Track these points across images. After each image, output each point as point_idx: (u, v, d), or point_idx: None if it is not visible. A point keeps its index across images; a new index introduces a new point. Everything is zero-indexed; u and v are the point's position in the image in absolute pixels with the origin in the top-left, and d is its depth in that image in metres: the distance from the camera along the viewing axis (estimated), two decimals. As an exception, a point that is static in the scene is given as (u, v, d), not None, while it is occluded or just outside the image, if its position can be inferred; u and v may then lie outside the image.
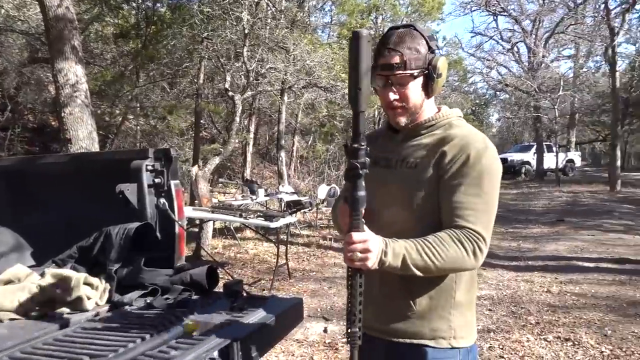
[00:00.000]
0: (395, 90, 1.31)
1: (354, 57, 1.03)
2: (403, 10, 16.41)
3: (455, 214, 1.23)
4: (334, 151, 16.37)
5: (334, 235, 8.29)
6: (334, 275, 5.77)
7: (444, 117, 1.38)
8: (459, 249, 1.20)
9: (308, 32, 9.60)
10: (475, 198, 1.24)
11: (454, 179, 1.25)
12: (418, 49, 1.30)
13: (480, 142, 1.29)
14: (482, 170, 1.25)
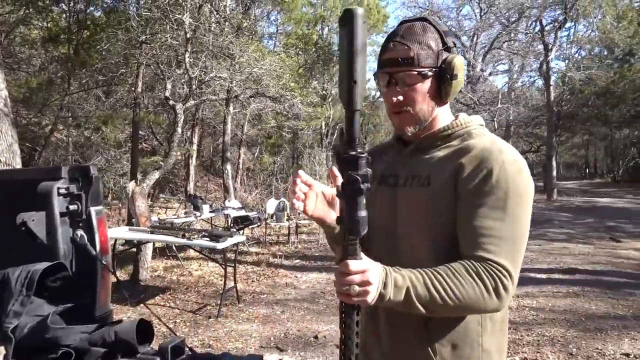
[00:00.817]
0: (399, 91, 1.08)
1: (348, 42, 0.78)
2: (349, 22, 16.41)
3: (474, 243, 1.00)
4: (281, 163, 16.00)
5: (284, 252, 7.90)
6: (286, 297, 5.39)
7: (462, 126, 1.13)
8: (477, 285, 0.95)
9: (255, 40, 9.23)
10: (499, 223, 1.00)
11: (474, 199, 1.02)
12: (430, 45, 1.07)
13: (506, 154, 1.04)
14: (507, 188, 1.01)
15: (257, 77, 7.88)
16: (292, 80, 7.92)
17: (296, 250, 8.21)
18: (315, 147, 13.38)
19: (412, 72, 1.07)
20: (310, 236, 9.39)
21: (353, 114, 0.80)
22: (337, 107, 15.69)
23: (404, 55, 1.06)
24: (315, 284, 5.97)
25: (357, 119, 0.81)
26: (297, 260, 7.38)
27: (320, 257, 7.57)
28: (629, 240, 8.69)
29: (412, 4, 26.74)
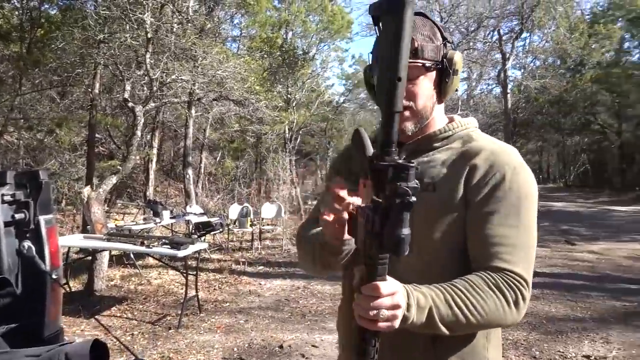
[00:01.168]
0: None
1: (395, 33, 0.67)
2: (313, 26, 16.42)
3: (490, 252, 0.95)
4: (243, 168, 15.78)
5: (247, 258, 7.75)
6: (250, 306, 5.26)
7: (460, 128, 1.08)
8: (498, 299, 0.90)
9: (218, 42, 9.06)
10: (513, 230, 0.96)
11: (486, 206, 0.97)
12: (432, 37, 1.01)
13: (515, 158, 1.01)
14: (520, 194, 0.98)
15: (221, 80, 7.72)
16: (257, 83, 7.78)
17: (260, 256, 8.07)
18: (280, 152, 13.27)
19: (417, 64, 1.00)
20: (274, 242, 9.27)
21: (394, 115, 0.71)
22: (301, 112, 15.65)
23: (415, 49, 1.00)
24: (280, 291, 5.87)
25: (397, 122, 0.72)
26: (261, 267, 7.26)
27: (284, 263, 7.47)
28: (583, 243, 9.03)
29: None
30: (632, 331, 4.22)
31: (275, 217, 9.19)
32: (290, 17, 15.52)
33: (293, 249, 8.62)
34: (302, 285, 6.07)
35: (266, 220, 9.47)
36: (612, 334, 4.18)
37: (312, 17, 17.00)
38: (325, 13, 16.42)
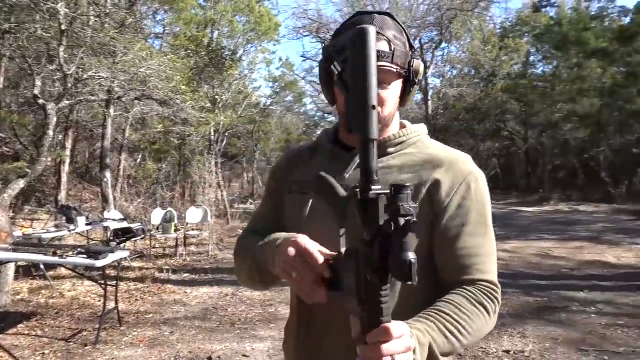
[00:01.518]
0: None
1: (362, 63, 0.70)
2: (240, 27, 16.16)
3: (464, 265, 0.95)
4: (166, 170, 15.15)
5: (171, 265, 7.41)
6: (175, 316, 5.01)
7: (413, 134, 1.05)
8: (482, 314, 0.90)
9: (140, 38, 8.58)
10: (482, 239, 0.97)
11: (457, 218, 0.96)
12: (403, 41, 0.97)
13: (473, 165, 1.03)
14: (484, 201, 0.99)
15: (144, 78, 7.31)
16: (182, 82, 7.46)
17: (185, 263, 7.75)
18: (205, 154, 12.87)
19: (391, 69, 0.96)
20: (199, 247, 8.95)
21: (371, 143, 0.70)
22: (228, 113, 15.31)
23: (384, 48, 0.95)
24: (207, 299, 5.66)
25: (375, 148, 0.71)
26: (186, 274, 6.97)
27: (211, 269, 7.23)
28: (497, 242, 9.57)
29: (301, 15, 27.35)
30: (545, 325, 4.54)
31: (201, 221, 8.88)
32: (216, 16, 15.15)
33: (220, 255, 8.39)
34: (231, 292, 5.90)
35: (191, 225, 9.13)
36: (528, 328, 4.47)
37: (239, 17, 16.73)
38: (252, 14, 16.22)
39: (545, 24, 23.40)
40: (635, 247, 8.89)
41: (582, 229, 11.80)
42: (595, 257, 7.93)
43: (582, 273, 6.82)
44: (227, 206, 12.28)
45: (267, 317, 4.96)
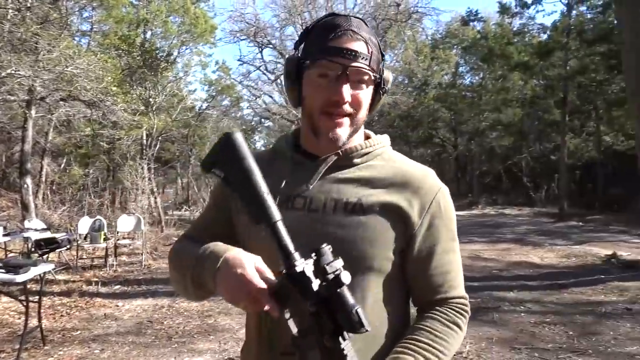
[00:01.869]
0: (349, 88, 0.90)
1: (242, 165, 0.78)
2: (175, 28, 15.67)
3: (435, 284, 0.95)
4: (95, 176, 14.34)
5: (100, 277, 6.97)
6: (106, 332, 4.70)
7: (378, 145, 1.01)
8: (457, 333, 0.92)
9: (67, 35, 8.03)
10: (452, 254, 0.98)
11: (429, 238, 0.95)
12: (378, 46, 0.94)
13: (438, 180, 1.00)
14: (452, 215, 0.99)
15: (70, 78, 6.82)
16: (114, 84, 7.03)
17: (116, 274, 7.32)
18: (137, 159, 12.29)
19: (368, 72, 0.92)
20: (132, 257, 8.51)
21: (277, 225, 0.75)
22: (162, 117, 14.77)
23: (363, 50, 0.91)
24: (141, 312, 5.36)
25: (284, 229, 0.75)
26: (118, 286, 6.57)
27: (145, 280, 6.88)
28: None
29: (238, 18, 27.03)
30: (480, 325, 4.71)
31: (134, 230, 8.44)
32: (150, 15, 14.59)
33: (154, 264, 8.02)
34: (167, 304, 5.63)
35: (122, 234, 8.66)
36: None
37: (174, 18, 16.24)
38: (188, 15, 15.81)
39: (472, 37, 24.72)
40: (556, 248, 9.55)
41: (508, 231, 12.51)
42: (521, 258, 8.40)
43: (511, 274, 7.19)
44: (162, 213, 11.78)
45: (206, 329, 4.77)
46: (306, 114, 0.97)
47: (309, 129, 0.97)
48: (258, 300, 0.77)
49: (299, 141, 1.04)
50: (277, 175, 0.96)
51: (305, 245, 0.89)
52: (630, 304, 5.43)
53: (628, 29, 7.70)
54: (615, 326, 4.69)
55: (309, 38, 0.96)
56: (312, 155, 0.99)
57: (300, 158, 1.00)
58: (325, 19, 0.95)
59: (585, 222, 14.44)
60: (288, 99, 1.01)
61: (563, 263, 8.11)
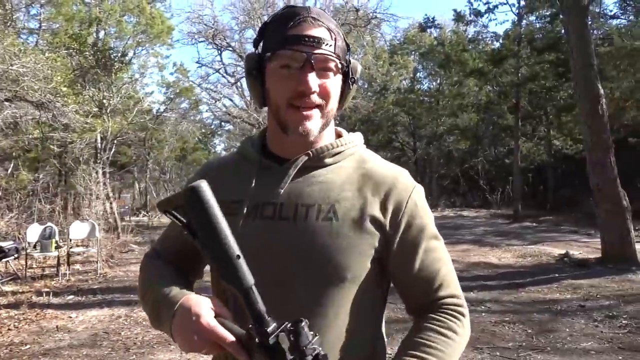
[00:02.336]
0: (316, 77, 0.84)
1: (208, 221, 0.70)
2: (130, 28, 15.21)
3: (426, 287, 0.90)
4: (45, 181, 13.67)
5: (52, 287, 6.62)
6: (59, 345, 4.45)
7: (350, 144, 0.95)
8: (454, 339, 0.86)
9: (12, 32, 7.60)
10: (436, 253, 0.92)
11: (409, 239, 0.89)
12: (341, 35, 0.88)
13: (411, 179, 0.95)
14: (429, 214, 0.94)
15: (16, 77, 6.45)
16: (64, 84, 6.68)
17: (68, 284, 6.97)
18: (91, 163, 11.80)
19: (333, 58, 0.86)
20: (86, 265, 8.15)
21: (250, 291, 0.69)
22: (117, 119, 14.28)
23: (326, 37, 0.85)
24: (96, 324, 5.11)
25: (257, 294, 0.70)
26: (71, 297, 6.26)
27: (100, 289, 6.58)
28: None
29: (196, 20, 26.59)
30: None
31: (88, 237, 8.08)
32: (103, 14, 14.09)
33: (111, 273, 7.70)
34: (124, 314, 5.40)
35: (76, 241, 8.27)
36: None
37: (128, 17, 15.76)
38: (144, 15, 15.39)
39: (429, 44, 25.32)
40: (512, 248, 9.85)
41: (467, 232, 12.82)
42: (480, 258, 8.62)
43: (471, 274, 7.35)
44: (118, 219, 11.36)
45: (167, 338, 4.58)
46: (272, 110, 0.91)
47: (277, 127, 0.91)
48: (221, 348, 0.73)
49: (265, 143, 0.98)
50: (243, 181, 0.91)
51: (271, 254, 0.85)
52: (584, 301, 5.65)
53: (575, 38, 8.07)
54: (570, 323, 4.87)
55: (267, 32, 0.90)
56: (280, 158, 0.93)
57: (267, 162, 0.93)
58: (282, 11, 0.90)
59: (538, 223, 15.01)
60: (252, 99, 0.96)
61: (519, 263, 8.37)
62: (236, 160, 0.99)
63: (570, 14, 8.20)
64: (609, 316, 5.02)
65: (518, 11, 18.59)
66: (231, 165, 0.99)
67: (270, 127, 0.96)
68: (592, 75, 7.92)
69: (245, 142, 1.00)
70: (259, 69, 0.90)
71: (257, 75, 0.90)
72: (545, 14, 18.81)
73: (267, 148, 0.96)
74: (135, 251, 9.79)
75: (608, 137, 7.85)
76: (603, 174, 7.73)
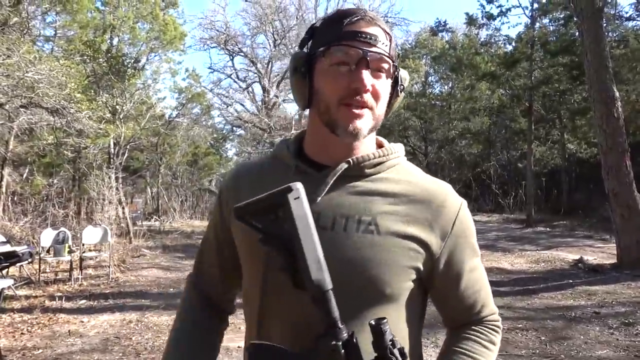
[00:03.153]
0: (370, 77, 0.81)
1: (306, 218, 0.72)
2: (143, 34, 15.38)
3: (468, 305, 0.92)
4: (59, 186, 13.85)
5: (64, 292, 6.69)
6: (70, 350, 4.48)
7: (393, 155, 0.92)
8: (493, 351, 0.91)
9: (28, 40, 7.73)
10: (478, 271, 0.93)
11: (455, 259, 0.89)
12: (393, 40, 0.86)
13: (456, 195, 0.92)
14: (473, 230, 0.93)
15: (32, 84, 6.55)
16: (78, 90, 6.77)
17: (81, 288, 7.03)
18: (104, 168, 11.93)
19: (388, 60, 0.84)
20: (98, 270, 8.21)
21: (329, 294, 0.70)
22: (130, 125, 14.43)
23: (382, 36, 0.83)
24: (108, 328, 5.15)
25: (333, 299, 0.71)
26: (83, 301, 6.31)
27: (112, 294, 6.63)
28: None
29: (208, 26, 26.82)
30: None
31: (100, 241, 8.16)
32: (117, 21, 14.28)
33: (122, 277, 7.75)
34: (135, 319, 5.43)
35: (88, 246, 8.36)
36: (440, 337, 4.59)
37: (142, 24, 15.94)
38: (157, 22, 15.55)
39: (441, 47, 25.20)
40: (525, 254, 9.73)
41: (479, 237, 12.49)
42: (492, 264, 8.51)
43: (483, 280, 7.26)
44: (130, 224, 11.45)
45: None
46: (320, 110, 0.87)
47: (322, 128, 0.88)
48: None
49: (302, 147, 0.95)
50: (277, 184, 0.84)
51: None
52: (598, 308, 5.55)
53: (589, 41, 7.97)
54: (585, 330, 4.78)
55: (319, 31, 0.88)
56: (318, 164, 0.90)
57: (305, 167, 0.89)
58: (336, 12, 0.88)
59: (552, 228, 14.81)
60: (295, 99, 0.91)
61: (532, 268, 8.27)
62: (271, 163, 0.97)
63: (584, 17, 8.12)
64: (625, 323, 4.92)
65: (531, 14, 18.43)
66: (265, 168, 0.97)
67: (312, 129, 0.93)
68: (607, 77, 7.82)
69: (281, 145, 0.97)
70: (308, 67, 0.87)
71: (304, 72, 0.87)
72: (558, 17, 18.61)
73: (303, 152, 0.94)
74: (146, 256, 9.86)
75: (624, 141, 7.73)
76: (618, 178, 7.61)
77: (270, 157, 0.99)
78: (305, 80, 0.87)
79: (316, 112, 0.88)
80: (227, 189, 1.00)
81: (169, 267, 8.75)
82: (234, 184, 0.99)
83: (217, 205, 1.02)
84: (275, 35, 26.85)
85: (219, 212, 1.00)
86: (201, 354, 0.99)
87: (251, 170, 0.99)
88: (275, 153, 0.97)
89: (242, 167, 1.03)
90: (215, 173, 29.01)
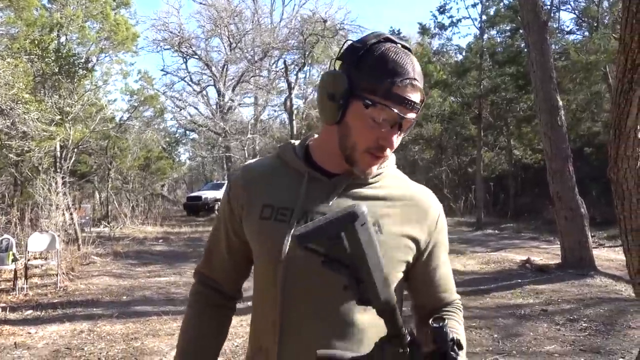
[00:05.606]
0: (399, 134, 0.95)
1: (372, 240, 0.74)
2: (93, 34, 14.84)
3: (442, 292, 1.07)
4: (0, 190, 13.09)
5: (9, 302, 6.33)
6: (17, 362, 4.25)
7: (390, 165, 1.07)
8: (463, 326, 1.06)
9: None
10: (448, 263, 1.10)
11: (434, 253, 1.04)
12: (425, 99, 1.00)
13: (435, 198, 1.09)
14: (446, 231, 1.10)
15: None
16: (26, 91, 6.41)
17: (27, 298, 6.67)
18: (50, 172, 11.38)
19: (414, 122, 0.95)
20: (45, 279, 7.82)
21: (395, 308, 0.76)
22: (78, 127, 13.86)
23: (418, 101, 0.92)
24: (57, 339, 4.92)
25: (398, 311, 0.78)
26: (29, 311, 5.99)
27: (61, 303, 6.32)
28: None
29: (162, 28, 26.20)
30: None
31: (47, 248, 7.77)
32: (65, 20, 13.69)
33: (71, 286, 7.42)
34: (87, 328, 5.22)
35: (34, 254, 7.94)
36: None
37: (92, 23, 15.39)
38: (107, 21, 15.05)
39: (395, 55, 25.69)
40: (476, 255, 10.09)
41: (432, 240, 13.00)
42: (446, 266, 8.76)
43: (438, 281, 7.47)
44: (78, 230, 10.96)
45: (133, 353, 4.48)
46: (346, 143, 0.95)
47: (339, 150, 0.97)
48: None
49: (308, 153, 1.04)
50: (290, 189, 0.98)
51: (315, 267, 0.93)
52: (546, 305, 5.84)
53: (535, 52, 8.41)
54: (534, 327, 5.02)
55: (365, 67, 0.91)
56: (324, 170, 1.00)
57: (315, 173, 0.99)
58: (386, 51, 0.91)
59: (500, 230, 15.43)
60: (320, 112, 0.96)
61: (483, 269, 8.59)
62: (277, 166, 1.04)
63: (530, 29, 8.55)
64: (570, 320, 5.21)
65: (480, 25, 19.21)
66: (272, 170, 1.04)
67: (326, 142, 1.00)
68: (551, 88, 8.27)
69: (287, 150, 1.04)
70: (345, 102, 0.91)
71: (343, 99, 0.91)
72: (505, 29, 19.51)
73: (311, 159, 1.02)
74: (97, 263, 9.48)
75: (567, 147, 8.19)
76: (562, 182, 8.05)
77: (276, 159, 1.06)
78: (338, 111, 0.92)
79: (338, 136, 0.96)
80: (236, 185, 1.06)
81: (121, 275, 8.45)
82: (243, 183, 1.05)
83: (226, 200, 1.08)
84: (231, 38, 26.58)
85: (227, 206, 1.07)
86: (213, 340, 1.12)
87: (262, 172, 1.05)
88: (282, 156, 1.04)
89: (250, 168, 1.09)
90: (167, 178, 28.29)
